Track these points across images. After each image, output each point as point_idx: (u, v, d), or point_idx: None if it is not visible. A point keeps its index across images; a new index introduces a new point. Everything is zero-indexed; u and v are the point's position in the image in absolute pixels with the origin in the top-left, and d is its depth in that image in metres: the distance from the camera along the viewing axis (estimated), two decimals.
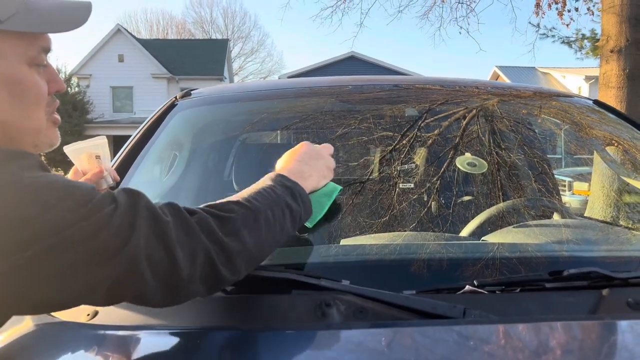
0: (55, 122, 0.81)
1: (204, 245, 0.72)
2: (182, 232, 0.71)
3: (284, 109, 1.64)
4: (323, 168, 1.03)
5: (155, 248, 0.67)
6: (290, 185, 0.91)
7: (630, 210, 1.47)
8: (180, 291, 0.72)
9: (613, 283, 0.90)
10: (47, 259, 0.60)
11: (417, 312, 0.81)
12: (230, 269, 0.75)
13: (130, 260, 0.65)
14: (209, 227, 0.74)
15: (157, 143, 1.45)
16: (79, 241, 0.62)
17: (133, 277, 0.66)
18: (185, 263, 0.69)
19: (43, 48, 0.76)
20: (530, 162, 1.66)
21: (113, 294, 0.67)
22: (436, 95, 1.64)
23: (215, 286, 0.76)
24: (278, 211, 0.84)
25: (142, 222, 0.67)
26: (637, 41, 5.24)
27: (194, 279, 0.71)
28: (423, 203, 1.25)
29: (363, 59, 24.76)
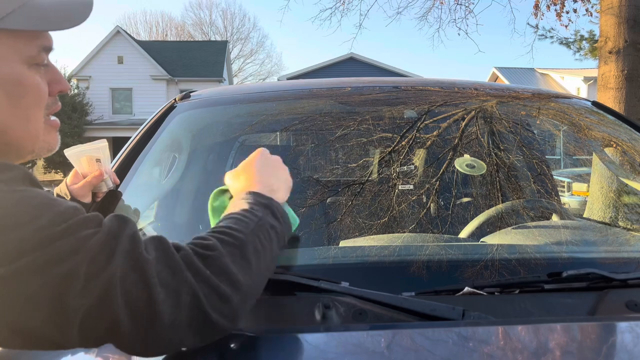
0: (53, 125, 0.78)
1: (190, 285, 0.63)
2: (166, 270, 0.63)
3: (283, 111, 1.64)
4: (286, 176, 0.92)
5: (133, 284, 0.59)
6: (267, 203, 0.81)
7: (628, 211, 1.48)
8: (163, 338, 0.62)
9: (612, 284, 0.90)
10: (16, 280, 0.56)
11: (416, 313, 0.81)
12: (224, 313, 0.65)
13: (103, 291, 0.58)
14: (195, 267, 0.65)
15: (156, 145, 1.45)
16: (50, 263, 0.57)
17: (107, 312, 0.58)
18: (167, 304, 0.61)
19: (43, 47, 0.73)
20: (529, 164, 1.66)
21: (85, 332, 0.59)
22: (435, 97, 1.65)
23: (208, 333, 0.65)
24: (263, 236, 0.75)
25: (122, 252, 0.60)
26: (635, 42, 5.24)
27: (179, 325, 0.62)
28: (422, 204, 1.26)
29: (362, 60, 24.78)
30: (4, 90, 0.68)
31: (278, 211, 0.81)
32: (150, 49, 26.87)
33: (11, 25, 0.68)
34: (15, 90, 0.69)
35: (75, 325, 0.58)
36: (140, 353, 0.64)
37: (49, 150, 0.78)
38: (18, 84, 0.70)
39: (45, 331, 0.58)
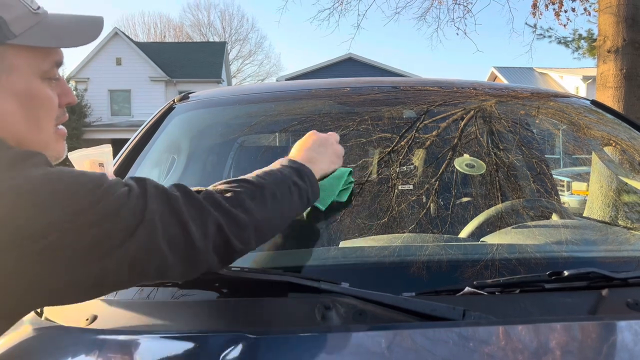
0: (62, 134, 0.83)
1: (214, 217, 0.76)
2: (192, 207, 0.74)
3: (282, 112, 1.64)
4: (331, 154, 1.09)
5: (169, 222, 0.71)
6: (297, 166, 0.96)
7: (628, 210, 1.47)
8: (198, 262, 0.74)
9: (612, 283, 0.90)
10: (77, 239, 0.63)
11: (416, 314, 0.81)
12: (241, 239, 0.79)
13: (147, 235, 0.68)
14: (215, 200, 0.78)
15: (155, 146, 1.45)
16: (103, 219, 0.65)
17: (152, 252, 0.69)
18: (198, 235, 0.73)
19: (56, 62, 0.78)
20: (529, 163, 1.66)
21: (136, 271, 0.69)
22: (434, 97, 1.65)
23: (228, 257, 0.79)
24: (284, 187, 0.89)
25: (153, 198, 0.71)
26: (634, 41, 5.24)
27: (208, 250, 0.75)
28: (422, 204, 1.25)
29: (361, 60, 24.79)
30: (20, 102, 0.73)
31: (306, 175, 0.96)
32: (149, 51, 26.85)
33: (27, 42, 0.73)
34: (31, 102, 0.75)
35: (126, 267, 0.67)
36: (178, 277, 0.77)
37: (57, 159, 0.82)
38: (33, 97, 0.75)
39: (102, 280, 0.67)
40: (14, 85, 0.72)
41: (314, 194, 0.98)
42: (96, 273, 0.66)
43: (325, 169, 1.06)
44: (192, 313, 0.86)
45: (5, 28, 0.70)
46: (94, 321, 0.85)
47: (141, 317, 0.86)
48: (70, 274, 0.64)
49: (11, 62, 0.72)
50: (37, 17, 0.75)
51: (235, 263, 1.00)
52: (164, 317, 0.85)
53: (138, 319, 0.85)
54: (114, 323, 0.84)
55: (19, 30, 0.72)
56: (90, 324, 0.84)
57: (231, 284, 0.91)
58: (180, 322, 0.84)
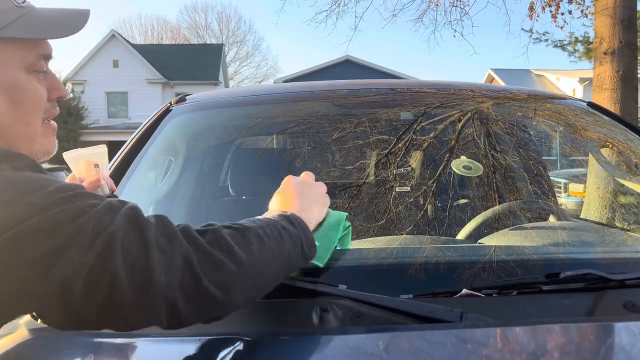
0: (51, 129, 0.82)
1: (184, 249, 0.67)
2: (163, 236, 0.66)
3: (280, 114, 1.64)
4: (318, 196, 0.98)
5: (132, 243, 0.63)
6: (286, 214, 0.86)
7: (625, 211, 1.48)
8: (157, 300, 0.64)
9: (609, 285, 0.90)
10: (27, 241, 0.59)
11: (414, 316, 0.81)
12: (216, 282, 0.67)
13: (105, 248, 0.61)
14: (191, 235, 0.69)
15: (152, 149, 1.45)
16: (57, 224, 0.61)
17: (108, 269, 0.61)
18: (161, 265, 0.64)
19: (42, 54, 0.77)
20: (526, 165, 1.66)
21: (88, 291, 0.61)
22: (431, 99, 1.65)
23: (201, 302, 0.67)
24: (272, 230, 0.78)
25: (122, 216, 0.65)
26: (630, 43, 5.27)
27: (172, 287, 0.64)
28: (419, 206, 1.25)
29: (358, 62, 24.81)
30: (5, 95, 0.72)
31: (297, 222, 0.85)
32: (146, 53, 26.84)
33: (12, 34, 0.72)
34: (16, 95, 0.73)
35: (79, 284, 0.60)
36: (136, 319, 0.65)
37: (45, 154, 0.81)
38: (18, 90, 0.74)
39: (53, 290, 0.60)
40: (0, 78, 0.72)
41: (308, 243, 0.85)
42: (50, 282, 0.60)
43: (318, 216, 0.94)
44: None
45: None
46: None
47: None
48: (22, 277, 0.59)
49: None
50: (21, 10, 0.74)
51: None
52: None
53: None
54: None
55: (1, 23, 0.71)
56: None
57: None
58: None
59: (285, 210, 0.88)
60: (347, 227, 1.00)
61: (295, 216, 0.86)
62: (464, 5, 8.22)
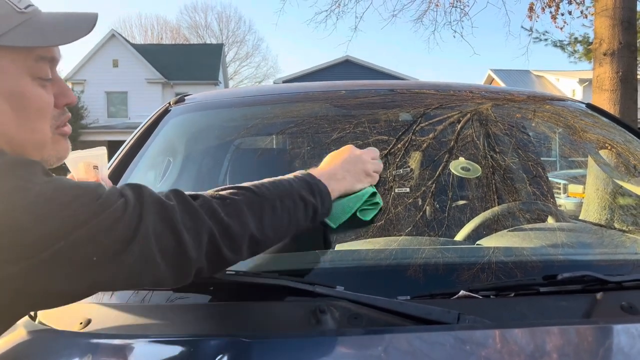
0: (63, 134, 0.82)
1: (208, 226, 0.75)
2: (187, 216, 0.73)
3: (279, 114, 1.64)
4: (359, 172, 1.04)
5: (163, 233, 0.70)
6: (311, 181, 0.93)
7: (624, 213, 1.48)
8: (190, 270, 0.74)
9: (607, 286, 0.90)
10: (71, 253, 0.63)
11: (411, 317, 0.81)
12: (232, 249, 0.78)
13: (142, 247, 0.67)
14: (211, 208, 0.77)
15: (151, 149, 1.45)
16: (97, 234, 0.64)
17: (146, 263, 0.69)
18: (191, 245, 0.72)
19: (47, 60, 0.76)
20: (525, 166, 1.66)
21: (131, 281, 0.71)
22: (431, 100, 1.65)
23: (219, 264, 0.79)
24: (288, 201, 0.87)
25: (149, 210, 0.70)
26: (629, 44, 5.27)
27: (201, 258, 0.74)
28: (418, 207, 1.25)
29: (358, 63, 24.82)
30: (9, 104, 0.72)
31: (318, 190, 0.93)
32: (146, 52, 26.84)
33: (11, 42, 0.71)
34: (20, 102, 0.73)
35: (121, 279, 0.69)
36: (171, 285, 0.76)
37: (58, 159, 0.82)
38: (22, 97, 0.73)
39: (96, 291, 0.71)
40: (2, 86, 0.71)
41: (324, 210, 0.94)
42: (89, 284, 0.67)
43: (347, 187, 1.01)
44: (187, 316, 0.86)
45: None
46: (87, 325, 0.84)
47: (135, 321, 0.85)
48: (63, 284, 0.64)
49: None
50: (23, 16, 0.73)
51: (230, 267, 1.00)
52: (159, 321, 0.85)
53: (132, 322, 0.85)
54: (108, 327, 0.84)
55: (1, 30, 0.70)
56: (84, 327, 0.84)
57: (226, 288, 0.91)
58: (174, 326, 0.83)
59: (314, 176, 0.95)
60: (373, 202, 1.06)
61: (319, 185, 0.94)
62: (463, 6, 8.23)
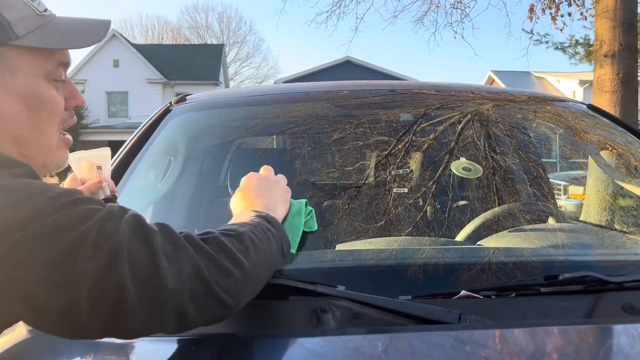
0: (66, 142, 0.82)
1: (192, 257, 0.67)
2: (168, 243, 0.66)
3: (280, 114, 1.64)
4: (281, 192, 0.99)
5: (138, 252, 0.63)
6: (264, 214, 0.87)
7: (624, 214, 1.48)
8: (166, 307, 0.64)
9: (608, 287, 0.90)
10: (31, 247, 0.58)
11: (412, 317, 0.81)
12: (227, 289, 0.68)
13: (110, 257, 0.60)
14: (195, 241, 0.70)
15: (151, 148, 1.45)
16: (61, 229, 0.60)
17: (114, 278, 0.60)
18: (170, 272, 0.64)
19: (61, 63, 0.77)
20: (525, 167, 1.66)
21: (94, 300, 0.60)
22: (431, 100, 1.65)
23: (211, 310, 0.68)
24: (261, 234, 0.80)
25: (127, 224, 0.64)
26: (630, 46, 5.27)
27: (182, 295, 0.64)
28: (418, 208, 1.25)
29: (359, 63, 24.82)
30: (24, 103, 0.73)
31: (274, 221, 0.87)
32: (146, 53, 26.84)
33: (30, 43, 0.72)
34: (34, 103, 0.74)
35: (84, 292, 0.59)
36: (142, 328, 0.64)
37: (58, 166, 0.81)
38: (37, 98, 0.74)
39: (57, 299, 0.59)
40: (18, 85, 0.72)
41: (285, 239, 0.88)
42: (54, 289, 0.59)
43: (283, 212, 0.96)
44: None
45: (9, 29, 0.70)
46: None
47: None
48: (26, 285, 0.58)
49: (15, 62, 0.72)
50: (42, 19, 0.75)
51: None
52: None
53: None
54: None
55: (22, 32, 0.72)
56: None
57: None
58: None
59: (258, 210, 0.88)
60: (309, 212, 1.02)
61: (270, 216, 0.87)
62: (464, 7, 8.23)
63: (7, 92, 0.71)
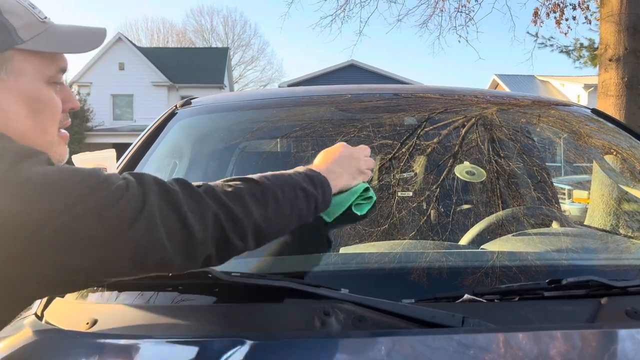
0: (64, 138, 0.87)
1: (213, 210, 0.77)
2: (191, 199, 0.76)
3: (284, 118, 1.64)
4: (354, 169, 1.08)
5: (168, 215, 0.72)
6: (312, 174, 0.96)
7: (629, 218, 1.48)
8: (196, 254, 0.76)
9: (612, 292, 0.90)
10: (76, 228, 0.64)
11: (416, 321, 0.81)
12: (238, 235, 0.79)
13: (147, 226, 0.69)
14: (214, 194, 0.79)
15: (157, 151, 1.46)
16: (101, 209, 0.66)
17: (152, 244, 0.70)
18: (197, 226, 0.74)
19: (61, 68, 0.82)
20: (530, 171, 1.66)
21: (137, 263, 0.70)
22: (435, 104, 1.65)
23: (226, 252, 0.80)
24: (289, 191, 0.89)
25: (153, 192, 0.72)
26: (635, 50, 5.26)
27: (207, 242, 0.76)
28: (422, 211, 1.26)
29: (363, 67, 24.83)
30: (27, 105, 0.78)
31: (320, 183, 0.95)
32: (152, 56, 26.94)
33: (37, 47, 0.77)
34: (37, 105, 0.79)
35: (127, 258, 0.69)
36: (179, 269, 0.77)
37: (59, 161, 0.85)
38: (39, 100, 0.79)
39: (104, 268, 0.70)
40: (22, 88, 0.77)
41: (324, 203, 0.96)
42: (96, 261, 0.68)
43: (344, 184, 1.05)
44: (193, 317, 0.86)
45: (15, 34, 0.75)
46: (94, 325, 0.85)
47: (141, 322, 0.86)
48: (68, 263, 0.66)
49: (20, 65, 0.77)
50: (44, 25, 0.80)
51: (235, 268, 1.00)
52: (164, 322, 0.85)
53: (138, 323, 0.86)
54: (114, 327, 0.84)
55: (27, 37, 0.76)
56: (91, 328, 0.84)
57: (231, 289, 0.91)
58: (180, 327, 0.84)
59: (314, 170, 0.98)
60: (367, 196, 1.09)
61: (319, 177, 0.96)
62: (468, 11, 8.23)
63: (11, 93, 0.76)
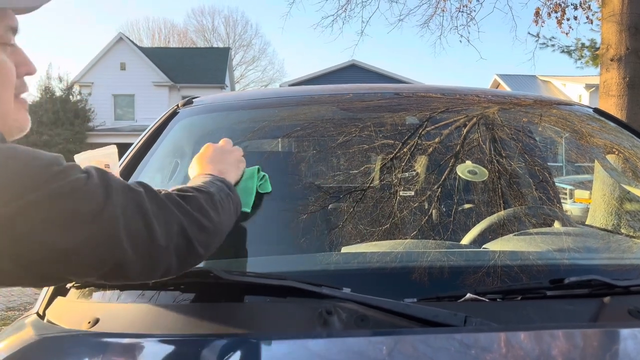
0: (23, 104, 0.80)
1: (176, 217, 0.75)
2: (155, 205, 0.73)
3: (285, 117, 1.64)
4: (234, 161, 1.09)
5: (132, 217, 0.68)
6: (221, 179, 0.97)
7: (631, 218, 1.47)
8: (158, 262, 0.72)
9: (614, 291, 0.90)
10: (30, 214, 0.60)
11: (418, 320, 0.81)
12: (202, 243, 0.78)
13: (107, 225, 0.65)
14: (176, 201, 0.77)
15: (158, 151, 1.46)
16: (58, 197, 0.63)
17: (112, 244, 0.66)
18: (161, 232, 0.71)
19: (10, 27, 0.75)
20: (531, 170, 1.66)
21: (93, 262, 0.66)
22: (437, 104, 1.65)
23: (189, 260, 0.78)
24: (224, 196, 0.90)
25: (116, 191, 0.68)
26: (637, 50, 5.25)
27: (170, 250, 0.73)
28: (424, 211, 1.26)
29: (364, 67, 24.83)
30: None
31: (227, 184, 0.97)
32: (153, 56, 26.95)
33: None
34: None
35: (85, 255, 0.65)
36: (135, 278, 0.72)
37: (20, 130, 0.79)
38: None
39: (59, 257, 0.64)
40: None
41: (239, 202, 1.00)
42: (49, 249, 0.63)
43: (235, 177, 1.07)
44: (195, 316, 0.86)
45: None
46: (96, 324, 0.85)
47: (143, 320, 0.86)
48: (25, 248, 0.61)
49: None
50: None
51: (237, 267, 1.00)
52: (166, 320, 0.85)
53: (140, 321, 0.86)
54: (116, 326, 0.84)
55: None
56: (92, 326, 0.84)
57: (233, 288, 0.91)
58: (182, 325, 0.84)
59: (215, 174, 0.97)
60: (262, 176, 1.15)
61: (224, 180, 0.97)
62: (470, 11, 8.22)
63: None
